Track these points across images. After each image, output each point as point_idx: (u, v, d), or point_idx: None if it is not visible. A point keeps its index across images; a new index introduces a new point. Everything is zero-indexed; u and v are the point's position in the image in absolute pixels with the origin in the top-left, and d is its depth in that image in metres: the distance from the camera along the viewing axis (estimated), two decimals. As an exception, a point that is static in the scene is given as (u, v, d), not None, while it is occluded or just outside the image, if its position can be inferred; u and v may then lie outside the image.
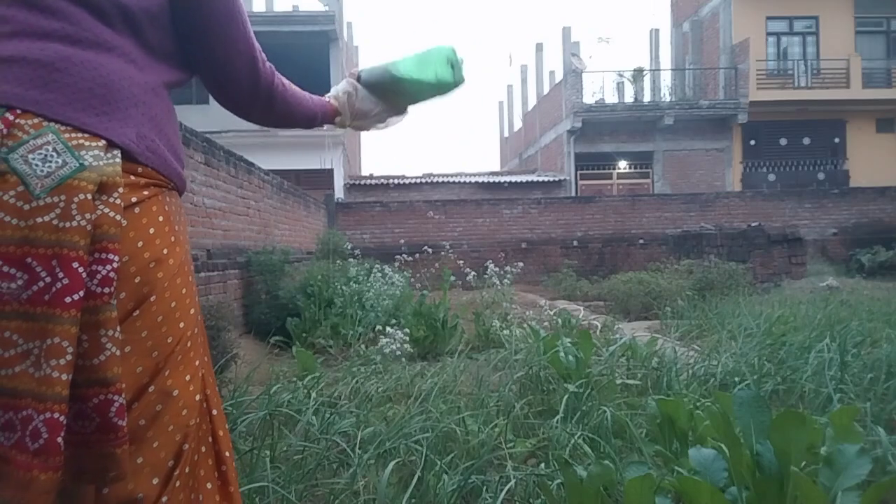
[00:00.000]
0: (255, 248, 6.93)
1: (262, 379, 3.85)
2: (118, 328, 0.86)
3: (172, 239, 0.99)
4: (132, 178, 0.94)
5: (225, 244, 6.03)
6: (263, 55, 1.17)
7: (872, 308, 6.02)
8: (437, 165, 77.37)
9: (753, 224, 11.77)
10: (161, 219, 0.97)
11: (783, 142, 19.33)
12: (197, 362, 1.01)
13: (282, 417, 2.74)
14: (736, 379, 3.31)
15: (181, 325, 0.98)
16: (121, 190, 0.90)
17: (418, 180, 19.37)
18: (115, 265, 0.87)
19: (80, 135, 0.88)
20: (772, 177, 19.09)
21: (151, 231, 0.95)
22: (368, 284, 6.51)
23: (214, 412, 1.05)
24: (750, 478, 1.70)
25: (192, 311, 1.01)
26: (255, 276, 6.58)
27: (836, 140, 19.44)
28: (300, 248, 9.89)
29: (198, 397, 0.99)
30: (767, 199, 15.60)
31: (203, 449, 1.01)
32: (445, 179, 19.28)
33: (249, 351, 5.15)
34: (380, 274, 7.39)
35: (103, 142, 0.90)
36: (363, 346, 4.87)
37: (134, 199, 0.94)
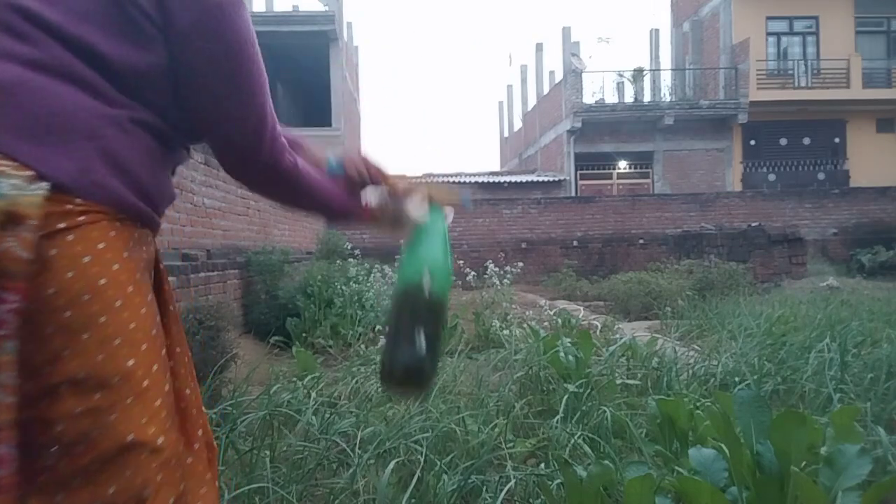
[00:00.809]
0: (254, 248, 6.93)
1: (261, 379, 3.85)
2: (12, 373, 0.80)
3: (116, 267, 0.90)
4: (68, 206, 0.86)
5: (224, 244, 6.03)
6: (276, 130, 1.07)
7: (873, 308, 6.02)
8: (437, 165, 77.33)
9: (754, 224, 11.78)
10: (102, 245, 0.88)
11: (783, 142, 19.33)
12: (158, 402, 0.93)
13: (282, 417, 2.73)
14: (736, 379, 3.31)
15: (129, 362, 0.89)
16: (33, 222, 0.81)
17: (418, 180, 19.36)
18: (13, 306, 0.79)
19: (6, 162, 0.82)
20: (772, 177, 19.09)
21: (86, 259, 0.86)
22: (368, 284, 6.51)
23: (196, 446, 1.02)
24: (750, 478, 1.70)
25: (145, 346, 0.92)
26: (254, 276, 6.58)
27: (837, 140, 19.44)
28: (300, 248, 9.89)
29: (160, 440, 0.91)
30: (768, 199, 15.60)
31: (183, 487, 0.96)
32: (445, 179, 19.28)
33: (249, 351, 5.15)
34: (380, 274, 7.39)
35: (31, 172, 0.83)
36: (363, 346, 4.87)
37: (63, 225, 0.85)
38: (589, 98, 18.99)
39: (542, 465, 2.27)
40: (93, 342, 0.86)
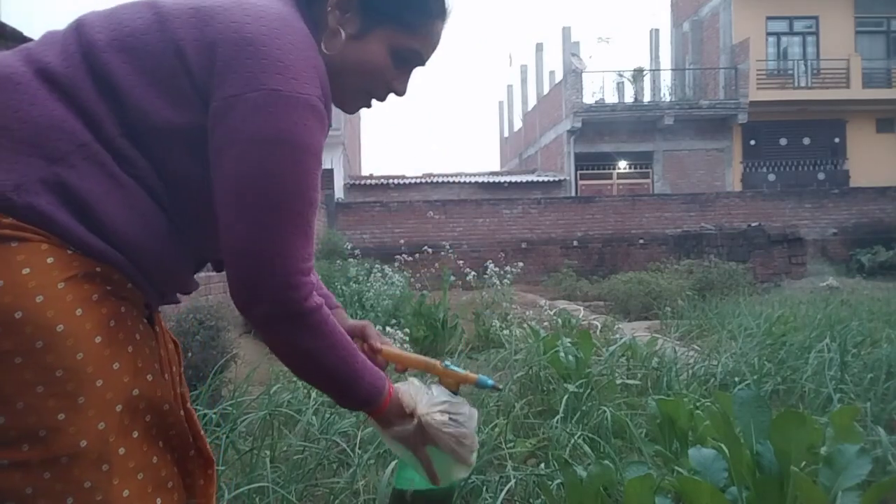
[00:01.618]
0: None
1: (262, 379, 3.85)
2: None
3: (40, 299, 0.75)
4: (6, 220, 0.77)
5: (225, 244, 6.02)
6: (297, 277, 0.84)
7: (873, 308, 6.02)
8: (437, 165, 77.48)
9: (753, 224, 11.78)
10: (27, 271, 0.75)
11: (783, 142, 19.33)
12: (121, 450, 0.80)
13: (282, 417, 2.73)
14: (736, 379, 3.31)
15: (59, 415, 0.75)
16: None
17: (418, 180, 19.38)
18: None
19: None
20: (772, 177, 19.09)
21: (25, 272, 0.75)
22: (368, 284, 6.51)
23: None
24: (750, 478, 1.70)
25: (82, 400, 0.77)
26: (255, 276, 6.56)
27: (836, 140, 19.44)
28: (300, 248, 9.87)
29: (125, 493, 0.79)
30: (767, 199, 15.60)
31: None
32: (445, 179, 19.29)
33: (249, 351, 5.15)
34: (380, 274, 7.40)
35: None
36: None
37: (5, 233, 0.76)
38: (589, 98, 19.00)
39: (542, 465, 2.28)
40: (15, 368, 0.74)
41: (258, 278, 0.83)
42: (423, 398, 1.02)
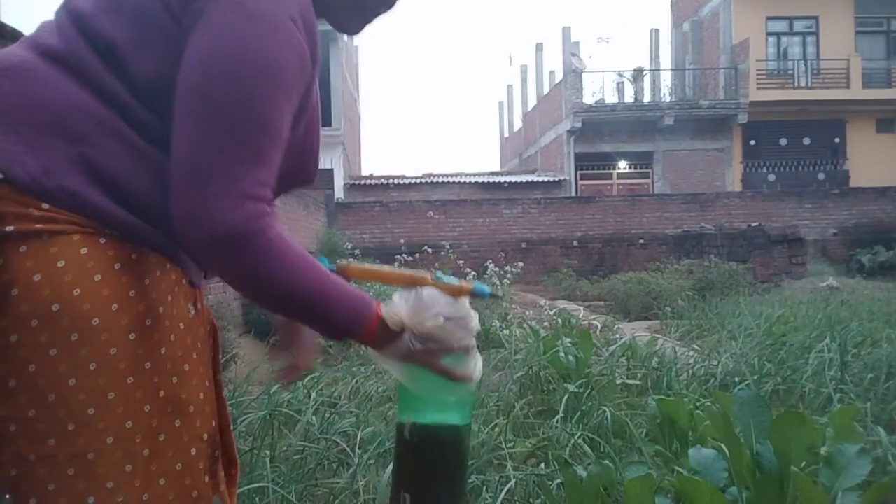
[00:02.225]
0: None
1: (261, 379, 3.85)
2: None
3: (77, 292, 0.75)
4: (30, 210, 0.76)
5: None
6: (243, 196, 0.77)
7: (873, 308, 6.02)
8: (437, 165, 77.44)
9: (753, 224, 11.78)
10: (62, 264, 0.75)
11: (783, 142, 19.34)
12: (146, 451, 0.78)
13: (282, 417, 2.73)
14: (736, 379, 3.31)
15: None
16: None
17: (418, 180, 19.39)
18: None
19: None
20: (772, 177, 19.09)
21: (37, 278, 0.74)
22: (368, 285, 6.51)
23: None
24: (750, 478, 1.70)
25: (121, 410, 0.77)
26: (254, 276, 6.57)
27: (837, 140, 19.44)
28: (300, 248, 9.88)
29: (145, 497, 0.78)
30: (767, 199, 15.60)
31: None
32: (445, 179, 19.29)
33: (249, 351, 5.15)
34: (380, 274, 7.38)
35: None
36: (363, 347, 4.85)
37: (10, 229, 0.75)
38: (589, 98, 19.00)
39: (542, 465, 2.27)
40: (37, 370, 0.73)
41: (197, 195, 0.76)
42: (412, 307, 0.92)
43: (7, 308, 0.73)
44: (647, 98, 19.56)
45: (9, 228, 0.74)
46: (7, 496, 0.74)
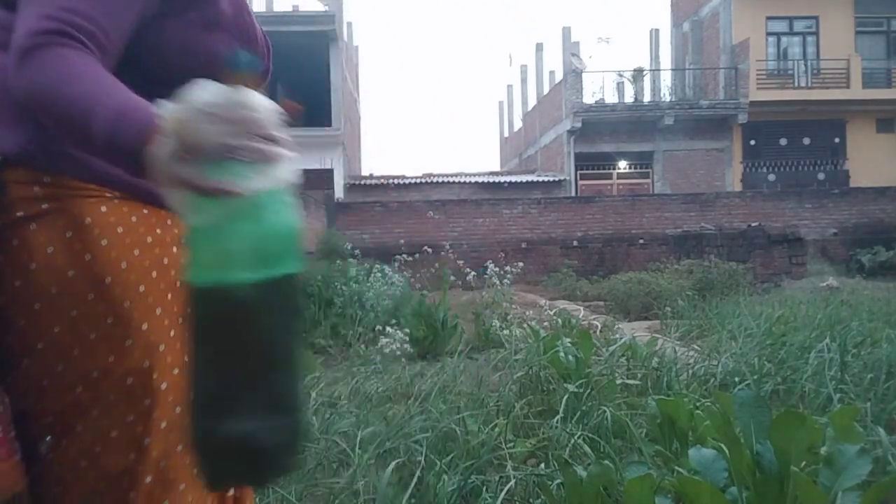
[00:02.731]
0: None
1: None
2: None
3: (88, 257, 0.83)
4: (35, 188, 0.82)
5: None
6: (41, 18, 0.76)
7: (873, 308, 6.01)
8: (437, 165, 77.43)
9: (753, 224, 11.78)
10: (70, 234, 0.82)
11: (783, 142, 19.33)
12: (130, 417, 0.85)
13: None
14: (736, 379, 3.31)
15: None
16: None
17: (418, 180, 19.38)
18: None
19: None
20: (772, 177, 19.09)
21: (49, 250, 0.81)
22: (368, 284, 6.51)
23: None
24: (750, 478, 1.70)
25: (129, 343, 0.84)
26: (254, 276, 6.56)
27: (837, 140, 19.44)
28: (300, 248, 9.87)
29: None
30: (767, 199, 15.60)
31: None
32: (445, 179, 19.29)
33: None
34: (380, 274, 7.39)
35: None
36: (363, 346, 4.86)
37: (20, 214, 0.82)
38: (589, 98, 19.00)
39: (542, 465, 2.27)
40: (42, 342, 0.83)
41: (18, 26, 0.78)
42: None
43: (30, 281, 0.81)
44: (647, 98, 19.56)
45: (19, 214, 0.81)
46: (48, 438, 0.84)
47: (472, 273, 7.41)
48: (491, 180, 19.35)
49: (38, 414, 0.84)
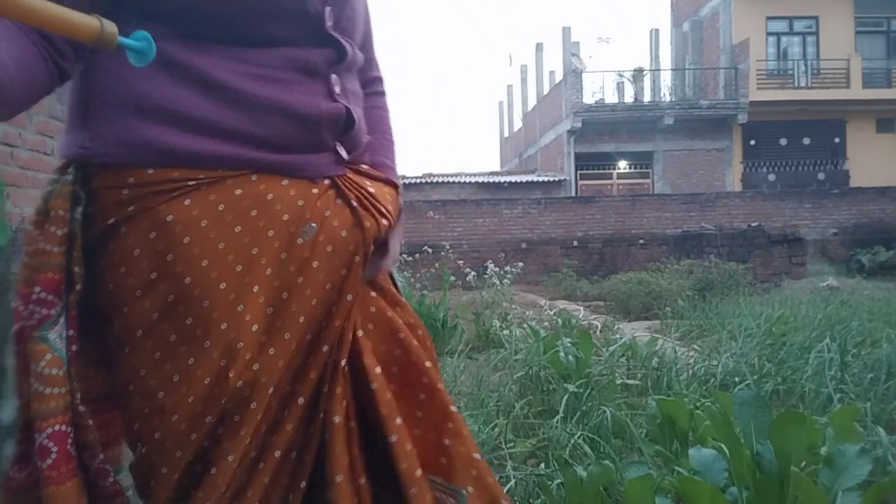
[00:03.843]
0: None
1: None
2: (42, 361, 0.78)
3: (170, 257, 0.81)
4: (123, 192, 0.81)
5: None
6: None
7: (873, 308, 6.01)
8: (437, 165, 77.42)
9: (753, 224, 11.77)
10: (153, 235, 0.82)
11: (783, 142, 19.33)
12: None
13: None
14: (736, 379, 3.31)
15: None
16: (60, 213, 0.80)
17: (418, 180, 19.38)
18: (39, 295, 0.79)
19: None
20: (772, 177, 19.09)
21: (136, 253, 0.82)
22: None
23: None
24: (750, 478, 1.70)
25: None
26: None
27: (836, 140, 19.44)
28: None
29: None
30: (767, 199, 15.60)
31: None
32: (445, 179, 19.29)
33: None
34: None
35: (63, 160, 0.84)
36: None
37: (112, 221, 0.82)
38: (589, 98, 18.99)
39: (542, 465, 2.27)
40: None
41: None
42: None
43: (119, 285, 0.82)
44: (647, 98, 19.56)
45: (111, 220, 0.82)
46: (141, 447, 0.83)
47: (473, 273, 7.41)
48: (491, 180, 19.35)
49: (129, 420, 0.84)
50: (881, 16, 19.40)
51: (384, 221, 0.95)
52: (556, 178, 18.95)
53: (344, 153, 0.93)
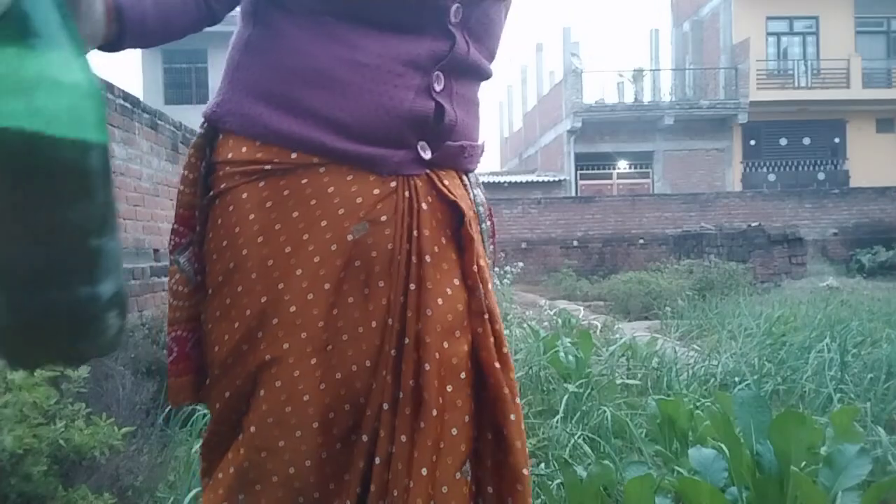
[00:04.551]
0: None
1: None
2: (174, 279, 0.93)
3: (224, 243, 0.89)
4: (223, 170, 0.90)
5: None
6: None
7: (873, 308, 6.01)
8: (437, 165, 77.07)
9: (753, 224, 11.77)
10: (220, 221, 0.90)
11: (783, 142, 19.33)
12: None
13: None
14: (736, 379, 3.31)
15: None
16: (192, 160, 0.93)
17: (418, 180, 19.34)
18: (174, 226, 0.94)
19: None
20: (772, 177, 19.09)
21: (210, 236, 0.91)
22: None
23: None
24: (750, 478, 1.70)
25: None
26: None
27: (837, 140, 19.43)
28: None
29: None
30: (767, 199, 15.60)
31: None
32: (445, 179, 19.24)
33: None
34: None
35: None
36: None
37: (211, 193, 0.91)
38: (589, 98, 18.98)
39: (542, 465, 2.27)
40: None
41: None
42: None
43: (207, 247, 0.90)
44: (647, 98, 19.54)
45: (211, 193, 0.90)
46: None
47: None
48: (491, 180, 19.34)
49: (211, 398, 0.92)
50: (881, 16, 19.39)
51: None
52: (556, 178, 18.94)
53: (426, 153, 0.89)
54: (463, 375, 0.85)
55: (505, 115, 31.44)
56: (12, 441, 1.50)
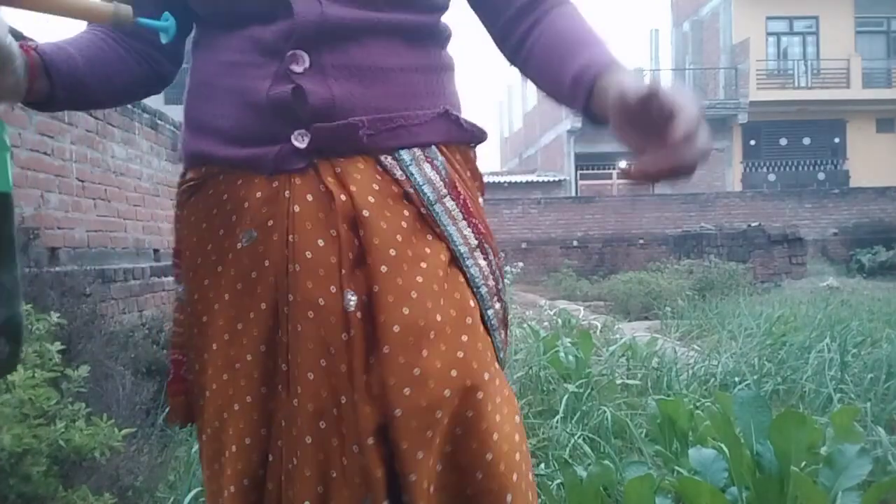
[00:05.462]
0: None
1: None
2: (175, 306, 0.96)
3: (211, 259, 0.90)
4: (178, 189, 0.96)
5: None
6: None
7: (873, 308, 6.02)
8: (437, 165, 77.10)
9: (753, 224, 11.77)
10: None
11: (783, 142, 19.33)
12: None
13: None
14: (736, 379, 3.31)
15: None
16: (177, 212, 0.97)
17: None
18: (173, 257, 0.98)
19: None
20: (772, 177, 19.09)
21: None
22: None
23: None
24: (750, 478, 1.70)
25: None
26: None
27: (837, 140, 19.43)
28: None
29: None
30: (767, 199, 15.60)
31: None
32: (445, 179, 19.24)
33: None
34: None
35: None
36: None
37: (175, 212, 0.97)
38: (589, 98, 18.94)
39: (542, 465, 2.27)
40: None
41: None
42: None
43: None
44: (647, 98, 19.52)
45: (175, 213, 0.94)
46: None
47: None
48: (491, 180, 19.34)
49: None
50: (881, 16, 19.39)
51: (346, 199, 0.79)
52: (556, 178, 18.95)
53: (302, 143, 0.78)
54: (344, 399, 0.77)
55: (505, 115, 31.44)
56: (10, 440, 1.50)
